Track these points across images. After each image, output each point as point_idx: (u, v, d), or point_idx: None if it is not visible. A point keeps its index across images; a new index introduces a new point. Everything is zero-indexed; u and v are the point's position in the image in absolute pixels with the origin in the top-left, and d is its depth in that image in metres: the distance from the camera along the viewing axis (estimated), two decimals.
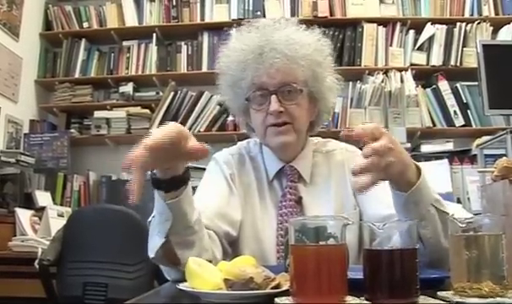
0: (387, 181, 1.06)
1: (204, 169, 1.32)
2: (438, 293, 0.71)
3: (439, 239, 0.96)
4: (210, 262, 1.00)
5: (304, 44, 1.18)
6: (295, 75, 1.16)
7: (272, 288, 0.72)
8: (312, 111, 1.25)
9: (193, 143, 0.85)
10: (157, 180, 0.90)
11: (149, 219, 0.98)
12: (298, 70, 1.16)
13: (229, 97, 1.27)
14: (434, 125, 3.23)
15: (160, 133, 0.81)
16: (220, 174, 1.26)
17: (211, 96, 3.36)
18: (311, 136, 1.33)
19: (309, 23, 1.27)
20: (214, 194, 1.20)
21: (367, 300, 0.68)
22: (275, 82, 1.16)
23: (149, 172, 0.89)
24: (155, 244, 0.95)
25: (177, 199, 0.91)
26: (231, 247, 1.18)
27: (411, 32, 3.39)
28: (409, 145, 3.05)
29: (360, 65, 3.33)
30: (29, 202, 2.99)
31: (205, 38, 3.50)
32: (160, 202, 0.91)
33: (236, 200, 1.22)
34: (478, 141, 2.86)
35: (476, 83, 2.79)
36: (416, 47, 3.37)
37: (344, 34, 3.37)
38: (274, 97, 1.16)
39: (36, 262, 2.21)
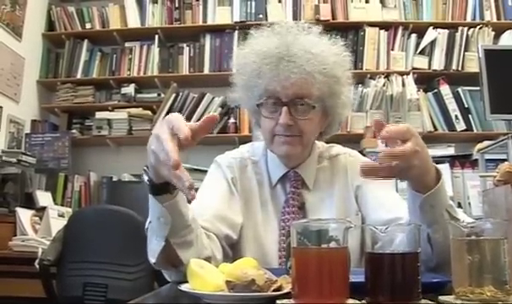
0: (389, 186, 1.06)
1: (206, 171, 1.32)
2: (440, 297, 0.71)
3: (449, 243, 0.96)
4: (210, 259, 1.00)
5: (324, 58, 1.14)
6: (310, 90, 1.13)
7: (274, 290, 0.72)
8: (322, 124, 1.23)
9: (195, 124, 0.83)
10: (154, 185, 0.88)
11: (146, 226, 0.98)
12: (314, 85, 1.13)
13: (241, 97, 1.24)
14: (436, 129, 3.23)
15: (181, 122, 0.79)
16: (221, 177, 1.25)
17: (213, 98, 3.36)
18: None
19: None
20: (214, 197, 1.19)
21: (368, 303, 0.68)
22: (288, 93, 1.13)
23: (146, 179, 0.89)
24: (155, 249, 0.94)
25: (173, 200, 0.90)
26: (232, 251, 1.17)
27: (413, 36, 3.40)
28: None
29: (362, 69, 3.34)
30: (29, 202, 2.99)
31: (207, 40, 3.50)
32: (157, 206, 0.90)
33: (236, 203, 1.21)
34: (479, 146, 2.85)
35: (477, 87, 2.79)
36: (418, 51, 3.37)
37: (346, 37, 3.37)
38: (285, 109, 1.13)
39: (37, 262, 2.21)
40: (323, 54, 1.15)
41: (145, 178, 0.89)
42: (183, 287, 0.78)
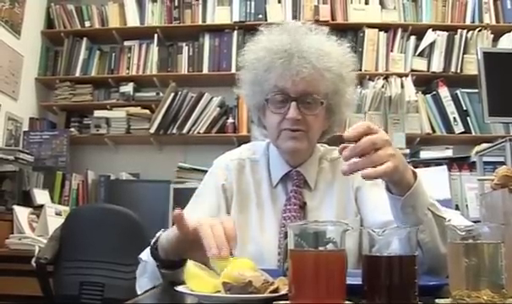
0: (384, 189, 1.07)
1: (204, 171, 1.33)
2: (437, 300, 0.71)
3: (437, 243, 0.97)
4: None
5: (332, 57, 1.18)
6: (318, 86, 1.17)
7: (270, 292, 0.72)
8: (326, 122, 1.25)
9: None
10: (167, 261, 0.94)
11: (144, 259, 1.04)
12: (322, 82, 1.16)
13: (247, 93, 1.27)
14: (434, 131, 3.23)
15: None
16: (212, 187, 1.27)
17: (211, 98, 3.36)
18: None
19: None
20: (206, 210, 1.22)
21: None
22: (297, 89, 1.16)
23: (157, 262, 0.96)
24: (144, 285, 1.02)
25: (173, 272, 0.95)
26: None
27: (412, 38, 3.40)
28: (408, 151, 3.06)
29: (360, 70, 3.32)
30: (27, 200, 2.99)
31: (206, 40, 3.50)
32: (156, 269, 0.97)
33: (225, 213, 1.23)
34: (477, 148, 2.86)
35: (476, 90, 2.80)
36: (417, 53, 3.37)
37: (345, 38, 3.35)
38: (294, 104, 1.16)
39: (33, 260, 2.20)
40: (330, 53, 1.18)
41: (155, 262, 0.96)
42: (180, 288, 0.78)
